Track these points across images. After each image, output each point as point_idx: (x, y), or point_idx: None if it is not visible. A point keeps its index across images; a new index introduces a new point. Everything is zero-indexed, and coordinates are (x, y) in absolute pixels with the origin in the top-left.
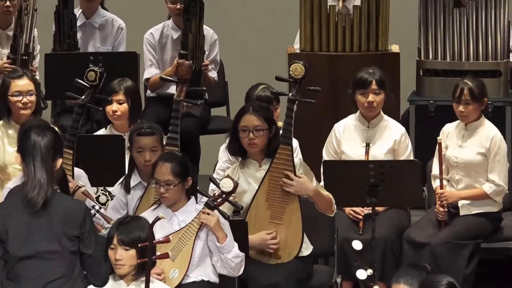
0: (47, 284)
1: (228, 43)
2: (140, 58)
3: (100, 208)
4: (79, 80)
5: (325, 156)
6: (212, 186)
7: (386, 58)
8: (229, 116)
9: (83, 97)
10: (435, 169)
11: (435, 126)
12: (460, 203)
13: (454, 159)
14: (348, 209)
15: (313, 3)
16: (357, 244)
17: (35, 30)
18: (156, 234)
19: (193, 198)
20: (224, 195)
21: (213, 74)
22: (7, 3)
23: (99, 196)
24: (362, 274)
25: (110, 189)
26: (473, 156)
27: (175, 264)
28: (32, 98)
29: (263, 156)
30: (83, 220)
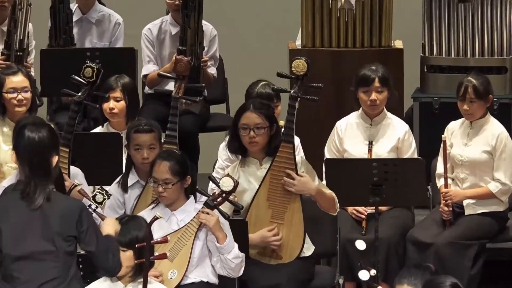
0: (41, 285)
1: (227, 39)
2: (138, 54)
3: (96, 207)
4: (76, 77)
5: (327, 155)
6: (211, 185)
7: (389, 54)
8: (229, 113)
9: (79, 94)
10: (440, 167)
11: (440, 123)
12: (465, 202)
13: (459, 158)
14: (350, 208)
15: None
16: (360, 244)
17: (29, 26)
18: (154, 234)
19: (192, 197)
20: (224, 195)
21: (212, 70)
22: None
23: (96, 195)
24: (365, 275)
25: (107, 188)
26: (478, 154)
27: (173, 264)
28: (27, 95)
29: (264, 155)
30: (79, 219)
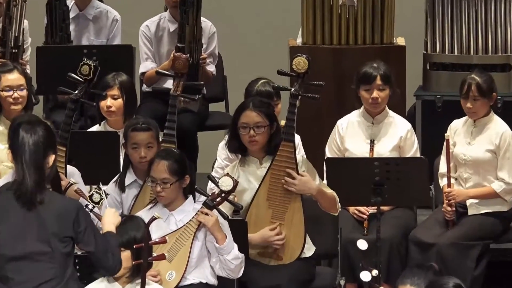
0: (38, 286)
1: (227, 36)
2: (135, 52)
3: (93, 207)
4: (72, 74)
5: (328, 154)
6: (210, 185)
7: (391, 51)
8: (228, 112)
9: (76, 92)
10: (443, 167)
11: (443, 122)
12: (469, 202)
13: (462, 157)
14: (352, 208)
15: None
16: (362, 244)
17: (25, 22)
18: (152, 234)
19: (190, 197)
20: (223, 194)
21: (211, 68)
22: None
23: (93, 194)
24: (366, 276)
25: (104, 187)
26: (482, 153)
27: (172, 265)
28: (23, 93)
29: (264, 154)
30: (75, 219)
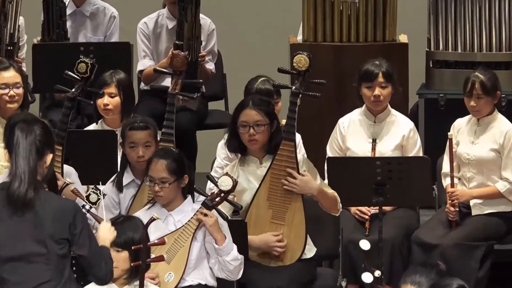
0: (35, 287)
1: (226, 33)
2: (133, 49)
3: (90, 207)
4: (69, 72)
5: (329, 153)
6: (209, 185)
7: (393, 48)
8: (227, 110)
9: (73, 90)
10: (446, 166)
11: (446, 120)
12: (472, 202)
13: (465, 156)
14: (353, 208)
15: None
16: (364, 244)
17: (20, 19)
18: (150, 235)
19: (189, 197)
20: (222, 194)
21: (210, 65)
22: None
23: (90, 194)
24: (368, 278)
25: (101, 187)
26: (485, 152)
27: (170, 267)
28: (19, 91)
29: (264, 153)
30: (72, 221)
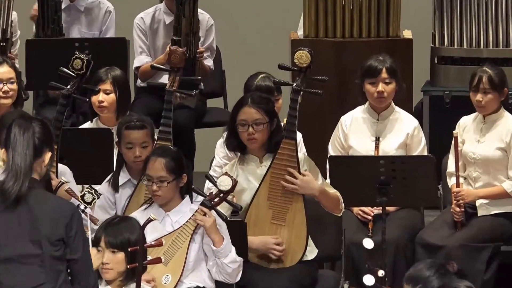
0: None
1: (225, 29)
2: (129, 45)
3: (85, 207)
4: (64, 69)
5: (331, 151)
6: (208, 185)
7: (397, 44)
8: (226, 108)
9: (68, 87)
10: (451, 165)
11: (451, 118)
12: (478, 202)
13: (471, 155)
14: (356, 209)
15: None
16: (368, 243)
17: (13, 14)
18: (147, 236)
19: (187, 197)
20: (221, 194)
21: (209, 62)
22: None
23: (85, 194)
24: (369, 280)
25: (96, 187)
26: (492, 151)
27: (167, 269)
28: (13, 86)
29: (264, 152)
30: (69, 222)
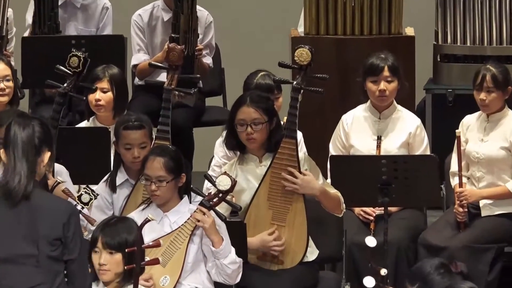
0: None
1: (224, 26)
2: (127, 42)
3: (82, 208)
4: (60, 67)
5: (332, 151)
6: (207, 184)
7: (399, 42)
8: (225, 106)
9: (64, 85)
10: (454, 165)
11: (454, 117)
12: (482, 202)
13: (475, 154)
14: (357, 209)
15: None
16: (371, 241)
17: (9, 11)
18: (144, 236)
19: (186, 197)
20: (220, 194)
21: (207, 60)
22: None
23: (82, 195)
24: (370, 282)
25: (93, 187)
26: (496, 150)
27: (166, 270)
28: (10, 83)
29: (264, 151)
30: (67, 222)
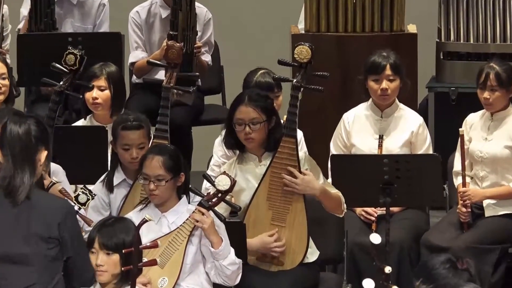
0: None
1: (223, 23)
2: (124, 40)
3: (79, 208)
4: (57, 65)
5: (333, 150)
6: (206, 184)
7: (402, 39)
8: (224, 105)
9: (61, 83)
10: (457, 164)
11: (457, 116)
12: (485, 202)
13: (478, 154)
14: (359, 209)
15: None
16: (375, 238)
17: (4, 8)
18: (142, 237)
19: (184, 197)
20: (219, 194)
21: (206, 57)
22: None
23: (78, 195)
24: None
25: (90, 187)
26: (499, 150)
27: (164, 271)
28: (5, 81)
29: (264, 150)
30: (62, 221)
